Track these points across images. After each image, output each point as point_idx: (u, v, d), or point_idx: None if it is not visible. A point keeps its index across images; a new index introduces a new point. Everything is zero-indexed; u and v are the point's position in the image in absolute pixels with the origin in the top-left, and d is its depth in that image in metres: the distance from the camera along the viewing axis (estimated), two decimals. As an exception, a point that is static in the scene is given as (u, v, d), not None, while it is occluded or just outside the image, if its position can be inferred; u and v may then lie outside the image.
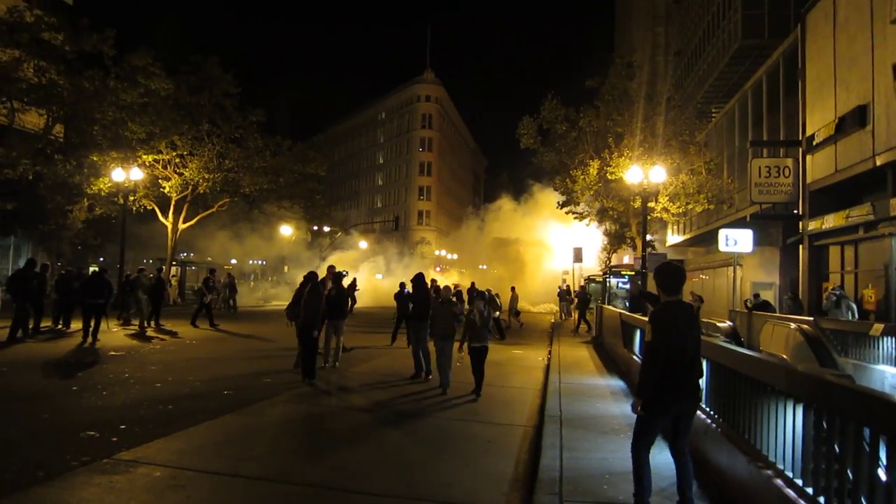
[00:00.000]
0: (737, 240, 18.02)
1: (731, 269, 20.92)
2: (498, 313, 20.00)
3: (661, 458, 6.41)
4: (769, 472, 4.45)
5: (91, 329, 15.19)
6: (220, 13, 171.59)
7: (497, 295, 21.72)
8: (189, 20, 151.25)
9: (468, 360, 10.09)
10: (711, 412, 6.30)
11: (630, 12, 61.08)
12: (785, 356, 11.61)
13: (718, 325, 16.48)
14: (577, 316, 25.42)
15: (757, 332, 14.90)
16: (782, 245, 23.73)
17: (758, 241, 20.53)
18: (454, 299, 10.17)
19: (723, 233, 18.39)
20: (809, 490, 3.94)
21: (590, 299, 26.32)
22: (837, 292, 15.89)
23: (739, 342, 14.63)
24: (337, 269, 13.50)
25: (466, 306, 16.81)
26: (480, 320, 9.92)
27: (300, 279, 11.96)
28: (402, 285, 16.05)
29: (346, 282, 14.55)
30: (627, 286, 29.44)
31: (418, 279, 12.45)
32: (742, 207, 25.40)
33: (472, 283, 21.63)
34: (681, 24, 46.11)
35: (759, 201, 22.56)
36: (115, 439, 6.72)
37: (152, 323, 18.99)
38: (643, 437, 4.79)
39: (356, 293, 18.28)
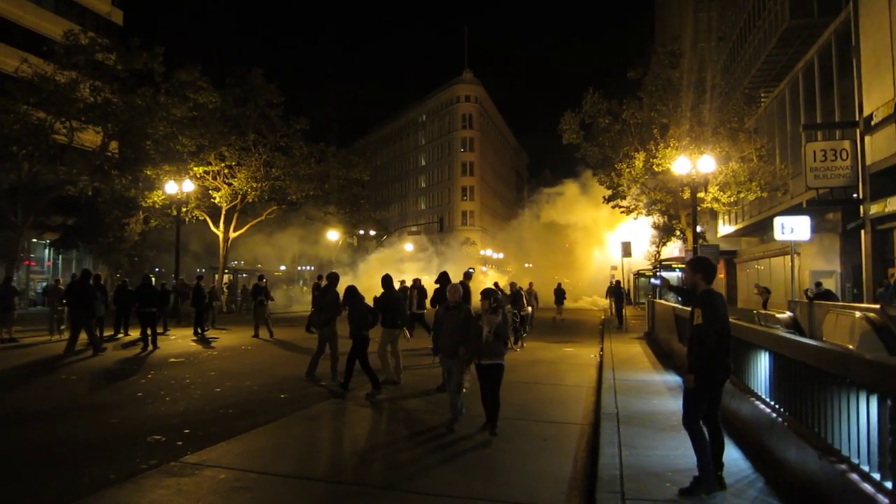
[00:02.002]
0: (793, 227, 17.41)
1: (787, 258, 20.27)
2: (523, 311, 17.72)
3: (725, 453, 6.25)
4: (843, 466, 4.28)
5: (150, 337, 15.68)
6: (261, 25, 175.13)
7: (525, 290, 20.64)
8: (231, 32, 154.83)
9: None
10: (776, 405, 6.11)
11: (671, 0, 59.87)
12: (851, 346, 11.18)
13: (778, 315, 15.96)
14: (614, 311, 25.34)
15: (819, 322, 14.37)
16: (842, 231, 22.89)
17: (815, 228, 19.83)
18: (489, 302, 7.62)
19: (778, 221, 17.78)
20: (888, 484, 3.77)
21: (624, 294, 26.07)
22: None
23: (801, 333, 14.15)
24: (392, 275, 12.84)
25: (509, 307, 16.30)
26: (492, 330, 7.48)
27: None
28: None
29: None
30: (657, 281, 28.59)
31: (384, 279, 11.00)
32: (797, 194, 24.58)
33: (496, 284, 20.25)
34: (724, 8, 44.97)
35: (815, 186, 21.81)
36: (180, 443, 6.92)
37: (198, 330, 19.48)
38: (699, 410, 5.29)
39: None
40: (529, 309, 19.38)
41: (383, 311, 10.65)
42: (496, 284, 19.26)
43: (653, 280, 26.81)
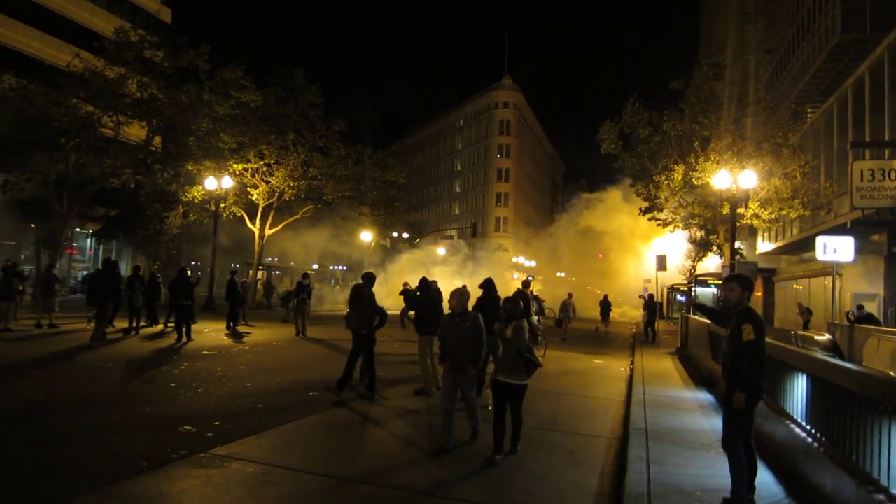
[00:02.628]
0: (836, 248, 16.94)
1: (828, 278, 19.76)
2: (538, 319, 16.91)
3: (757, 477, 6.12)
4: (881, 496, 4.15)
5: (185, 329, 15.95)
6: (303, 27, 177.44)
7: (564, 301, 20.39)
8: (273, 33, 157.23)
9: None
10: (812, 430, 5.95)
11: (716, 11, 58.96)
12: (892, 372, 10.86)
13: (816, 338, 15.58)
14: (645, 324, 25.09)
15: (859, 346, 13.97)
16: (887, 253, 22.24)
17: (859, 250, 19.26)
18: (508, 308, 6.91)
19: (821, 240, 17.32)
20: (929, 518, 3.65)
21: (656, 308, 25.64)
22: None
23: (840, 357, 13.79)
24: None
25: (535, 317, 15.76)
26: (512, 341, 6.65)
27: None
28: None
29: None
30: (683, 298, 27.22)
31: (421, 283, 10.87)
32: (842, 213, 23.95)
33: (523, 286, 19.57)
34: (772, 20, 44.16)
35: (861, 206, 21.22)
36: (210, 435, 7.03)
37: (230, 324, 19.54)
38: (746, 431, 5.23)
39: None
40: (536, 318, 18.38)
41: (417, 316, 10.54)
42: (525, 288, 17.86)
43: (678, 297, 25.87)
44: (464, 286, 17.36)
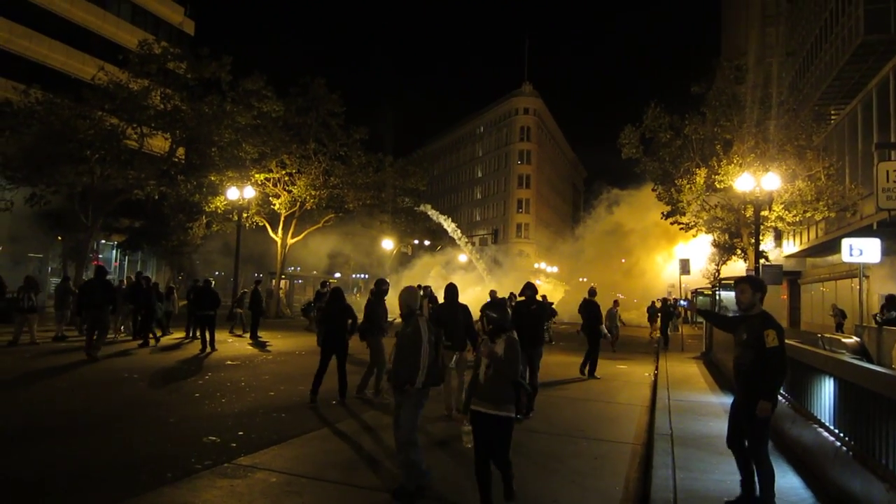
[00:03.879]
0: (862, 249, 16.67)
1: (855, 280, 19.45)
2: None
3: (784, 481, 6.04)
4: (912, 501, 4.07)
5: (209, 339, 16.09)
6: (324, 36, 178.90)
7: (610, 309, 19.45)
8: (294, 42, 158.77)
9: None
10: (840, 433, 5.86)
11: (738, 14, 58.51)
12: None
13: (844, 340, 15.33)
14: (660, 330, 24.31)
15: (888, 348, 13.72)
16: (915, 255, 21.84)
17: (886, 251, 18.93)
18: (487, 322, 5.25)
19: (846, 242, 17.06)
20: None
21: (672, 314, 24.69)
22: None
23: (868, 359, 13.55)
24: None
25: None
26: (506, 362, 4.92)
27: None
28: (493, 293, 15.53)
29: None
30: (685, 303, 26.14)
31: (448, 289, 9.58)
32: (867, 215, 23.59)
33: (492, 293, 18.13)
34: (794, 23, 43.71)
35: (887, 208, 20.86)
36: (234, 445, 7.08)
37: (256, 334, 19.63)
38: (768, 437, 5.19)
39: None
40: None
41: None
42: (591, 296, 15.51)
43: (681, 302, 24.76)
44: (419, 286, 16.89)
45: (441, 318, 8.71)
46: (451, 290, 9.44)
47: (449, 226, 58.11)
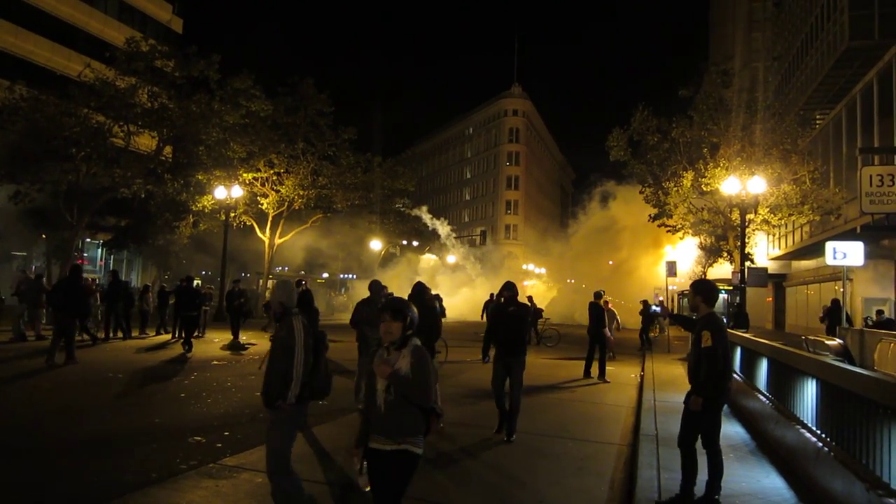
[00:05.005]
0: (846, 252, 16.87)
1: (839, 283, 19.67)
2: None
3: (768, 481, 6.11)
4: (891, 500, 4.12)
5: (186, 338, 15.88)
6: (313, 36, 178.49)
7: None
8: (283, 42, 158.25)
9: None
10: (822, 434, 5.93)
11: (725, 18, 59.00)
12: (904, 377, 10.77)
13: (827, 342, 15.47)
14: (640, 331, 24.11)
15: (870, 350, 13.88)
16: (898, 258, 22.13)
17: (870, 255, 19.24)
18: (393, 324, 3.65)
19: (830, 245, 17.26)
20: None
21: (654, 316, 24.36)
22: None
23: (851, 361, 13.69)
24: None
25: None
26: (410, 384, 3.57)
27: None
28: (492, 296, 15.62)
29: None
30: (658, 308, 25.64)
31: (415, 288, 8.96)
32: (851, 219, 23.87)
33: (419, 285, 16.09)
34: (780, 28, 44.15)
35: (870, 212, 21.08)
36: (219, 445, 7.07)
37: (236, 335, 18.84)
38: (718, 430, 5.53)
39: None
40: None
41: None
42: (597, 299, 15.12)
43: (653, 307, 24.35)
44: (288, 280, 15.94)
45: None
46: (417, 290, 8.76)
47: (444, 230, 58.21)
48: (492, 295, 20.45)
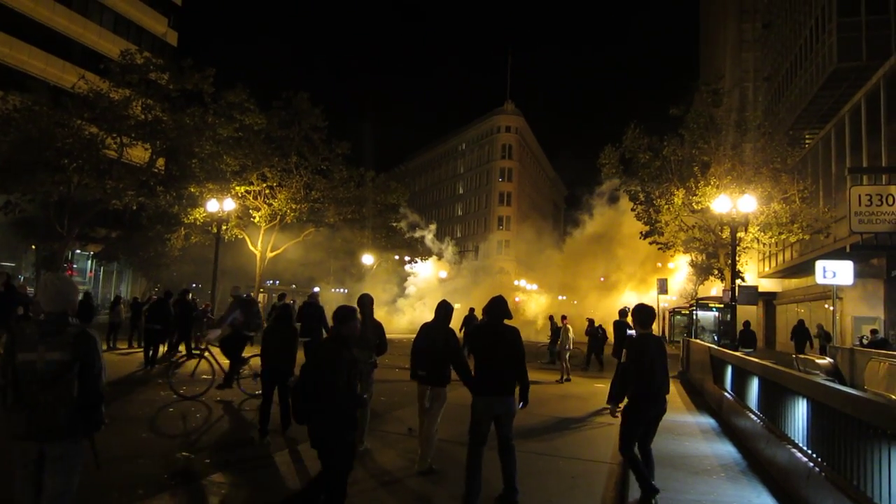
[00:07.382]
0: (836, 271, 17.02)
1: (828, 302, 19.77)
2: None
3: (759, 502, 6.10)
4: (882, 522, 4.13)
5: (144, 351, 15.16)
6: (307, 51, 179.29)
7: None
8: (277, 56, 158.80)
9: None
10: (813, 454, 5.94)
11: (716, 39, 59.72)
12: (894, 395, 10.83)
13: (817, 361, 15.55)
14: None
15: (861, 369, 13.95)
16: (886, 277, 22.31)
17: (859, 273, 19.35)
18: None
19: (820, 264, 17.42)
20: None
21: (602, 339, 20.67)
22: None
23: (842, 380, 13.75)
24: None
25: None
26: None
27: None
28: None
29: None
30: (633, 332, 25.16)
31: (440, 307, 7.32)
32: (841, 238, 24.08)
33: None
34: (769, 49, 44.71)
35: (859, 231, 21.36)
36: (207, 461, 6.98)
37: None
38: (633, 439, 6.17)
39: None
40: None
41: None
42: (622, 317, 11.14)
43: (629, 331, 23.79)
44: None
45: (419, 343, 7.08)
46: (444, 309, 7.22)
47: (448, 250, 58.61)
48: (471, 310, 18.58)
